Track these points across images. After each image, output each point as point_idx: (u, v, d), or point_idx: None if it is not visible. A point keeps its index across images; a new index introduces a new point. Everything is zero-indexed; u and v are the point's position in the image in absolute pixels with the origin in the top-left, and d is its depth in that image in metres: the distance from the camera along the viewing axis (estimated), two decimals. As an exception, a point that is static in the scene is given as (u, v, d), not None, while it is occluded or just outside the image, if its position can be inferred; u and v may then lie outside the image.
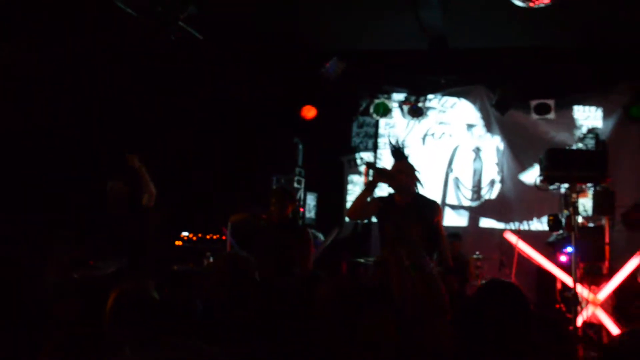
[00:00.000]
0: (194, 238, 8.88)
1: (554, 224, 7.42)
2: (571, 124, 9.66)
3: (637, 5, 7.76)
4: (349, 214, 5.54)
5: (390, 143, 5.41)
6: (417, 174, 5.38)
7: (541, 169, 6.54)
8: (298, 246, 5.66)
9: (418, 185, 5.38)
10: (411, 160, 5.44)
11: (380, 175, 5.26)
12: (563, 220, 7.26)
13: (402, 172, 5.27)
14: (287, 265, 5.55)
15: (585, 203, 8.65)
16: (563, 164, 6.29)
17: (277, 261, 5.50)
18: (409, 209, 5.18)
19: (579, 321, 6.65)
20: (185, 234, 8.86)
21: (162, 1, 7.67)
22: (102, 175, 6.66)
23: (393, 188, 5.32)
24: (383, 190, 5.67)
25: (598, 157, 6.54)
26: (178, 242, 8.82)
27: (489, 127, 9.96)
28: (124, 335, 3.06)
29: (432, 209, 5.34)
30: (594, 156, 6.62)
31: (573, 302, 6.48)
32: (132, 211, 6.25)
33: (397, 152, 5.37)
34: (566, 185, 6.58)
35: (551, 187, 6.63)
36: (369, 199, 5.32)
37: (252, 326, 3.26)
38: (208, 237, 8.80)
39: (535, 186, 6.65)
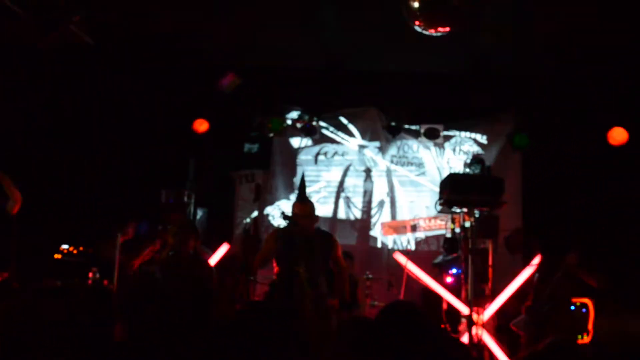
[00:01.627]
0: (75, 251, 8.44)
1: (450, 246, 7.59)
2: (458, 149, 9.98)
3: (522, 37, 8.18)
4: (256, 269, 6.16)
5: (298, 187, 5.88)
6: (316, 213, 5.83)
7: (441, 193, 6.69)
8: (208, 282, 5.68)
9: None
10: (312, 200, 5.93)
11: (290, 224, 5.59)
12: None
13: (306, 217, 5.66)
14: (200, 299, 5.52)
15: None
16: (463, 189, 6.46)
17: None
18: (308, 242, 5.55)
19: (464, 341, 6.84)
20: (65, 246, 8.39)
21: (53, 2, 7.36)
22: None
23: (296, 233, 5.62)
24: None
25: (495, 183, 6.76)
26: (57, 256, 8.34)
27: (380, 149, 10.11)
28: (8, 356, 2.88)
29: (330, 243, 5.83)
30: (491, 182, 6.84)
31: (469, 322, 6.65)
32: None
33: (302, 195, 5.85)
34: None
35: (451, 211, 6.79)
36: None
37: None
38: (91, 250, 8.39)
39: (435, 209, 6.81)
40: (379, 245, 9.92)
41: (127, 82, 9.01)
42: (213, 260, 8.64)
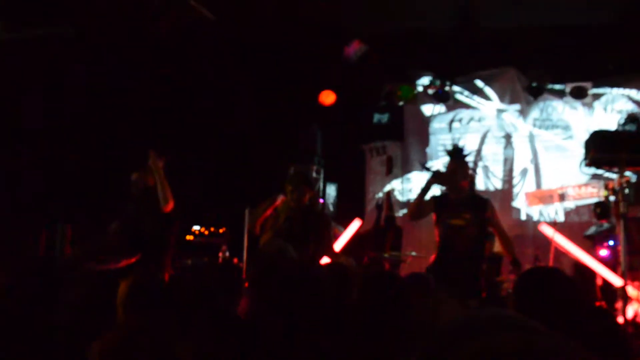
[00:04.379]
0: (206, 232, 8.48)
1: (601, 211, 6.86)
2: (610, 108, 9.09)
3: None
4: (409, 217, 5.89)
5: (453, 145, 5.61)
6: (471, 173, 5.65)
7: (586, 152, 6.00)
8: (322, 232, 5.60)
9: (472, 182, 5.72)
10: (468, 159, 5.63)
11: (435, 178, 5.50)
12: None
13: (456, 173, 5.43)
14: (314, 251, 5.52)
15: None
16: (611, 147, 5.79)
17: (304, 249, 5.30)
18: (463, 205, 5.34)
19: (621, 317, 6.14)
20: (196, 227, 8.43)
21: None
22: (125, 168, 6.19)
23: (447, 188, 5.57)
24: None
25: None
26: (189, 237, 8.39)
27: (521, 112, 9.44)
28: (138, 322, 2.98)
29: (485, 205, 5.53)
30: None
31: (623, 296, 5.97)
32: (156, 210, 5.67)
33: (456, 153, 5.56)
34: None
35: (597, 172, 6.10)
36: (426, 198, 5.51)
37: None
38: (221, 231, 8.38)
39: (580, 171, 6.15)
40: (523, 217, 9.29)
41: (251, 54, 8.85)
42: (345, 237, 8.38)
